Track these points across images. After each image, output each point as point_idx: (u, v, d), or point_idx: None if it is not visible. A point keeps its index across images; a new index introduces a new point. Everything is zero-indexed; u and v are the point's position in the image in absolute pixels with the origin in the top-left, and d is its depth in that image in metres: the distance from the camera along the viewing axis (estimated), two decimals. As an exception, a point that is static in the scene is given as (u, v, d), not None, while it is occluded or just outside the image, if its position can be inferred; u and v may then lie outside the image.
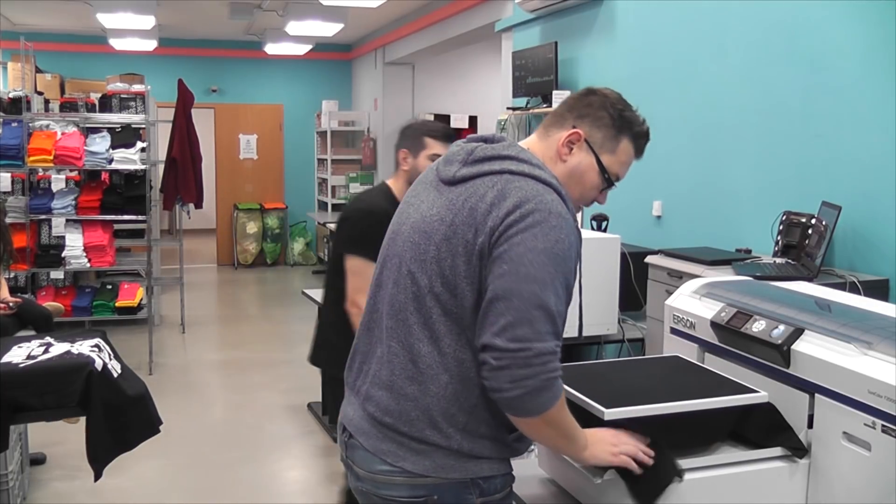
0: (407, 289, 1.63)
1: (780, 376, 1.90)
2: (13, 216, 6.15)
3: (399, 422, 1.60)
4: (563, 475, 1.92)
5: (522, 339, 1.47)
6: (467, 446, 1.59)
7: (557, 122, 1.69)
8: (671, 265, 3.43)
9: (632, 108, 1.70)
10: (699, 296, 2.26)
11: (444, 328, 1.58)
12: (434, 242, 1.60)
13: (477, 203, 1.56)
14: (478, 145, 1.67)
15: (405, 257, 1.65)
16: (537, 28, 5.93)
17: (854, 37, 3.28)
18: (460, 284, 1.56)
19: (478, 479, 1.61)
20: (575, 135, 1.66)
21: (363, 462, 1.67)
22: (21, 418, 3.22)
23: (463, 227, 1.56)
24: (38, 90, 8.41)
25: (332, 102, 11.20)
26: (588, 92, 1.71)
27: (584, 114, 1.67)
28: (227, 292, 10.07)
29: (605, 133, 1.67)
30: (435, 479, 1.60)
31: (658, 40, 4.56)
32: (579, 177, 1.68)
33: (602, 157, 1.67)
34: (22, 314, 4.33)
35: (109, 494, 3.96)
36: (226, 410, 5.51)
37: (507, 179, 1.57)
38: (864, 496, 1.68)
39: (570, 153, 1.67)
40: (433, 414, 1.58)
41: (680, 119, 4.35)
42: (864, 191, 3.19)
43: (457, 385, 1.58)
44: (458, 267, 1.56)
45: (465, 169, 1.63)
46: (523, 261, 1.49)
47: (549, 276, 1.50)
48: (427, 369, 1.59)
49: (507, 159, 1.61)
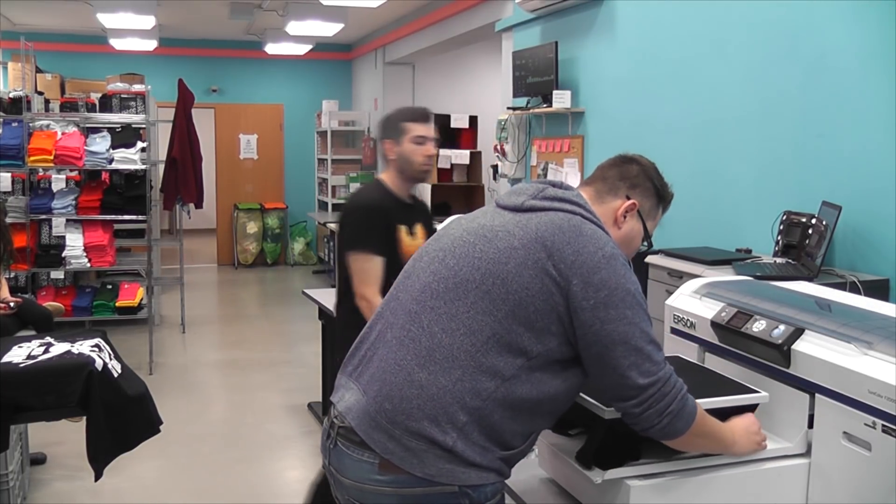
0: (447, 279, 1.66)
1: (780, 376, 1.90)
2: (13, 216, 6.15)
3: (398, 410, 1.59)
4: (564, 475, 1.92)
5: (651, 373, 1.59)
6: (460, 448, 1.58)
7: (611, 190, 1.81)
8: (671, 265, 3.43)
9: (663, 177, 1.87)
10: (699, 296, 2.26)
11: (478, 326, 1.59)
12: (495, 246, 1.64)
13: (553, 231, 1.62)
14: (547, 186, 1.75)
15: (455, 252, 1.69)
16: (537, 28, 5.93)
17: (854, 37, 3.28)
18: (517, 295, 1.59)
19: (466, 487, 1.59)
20: (633, 206, 1.79)
21: (351, 470, 1.64)
22: (21, 418, 3.22)
23: (535, 245, 1.62)
24: (39, 90, 8.41)
25: (332, 102, 11.20)
26: (628, 160, 1.85)
27: (636, 184, 1.82)
28: (227, 292, 10.07)
29: (652, 202, 1.84)
30: (424, 489, 1.58)
31: (658, 40, 4.56)
32: (629, 241, 1.82)
33: (647, 223, 1.84)
34: (22, 314, 4.33)
35: (109, 494, 3.96)
36: (226, 410, 5.51)
37: (581, 220, 1.66)
38: (865, 496, 1.68)
39: (624, 221, 1.80)
40: (435, 407, 1.57)
41: (680, 119, 4.35)
42: (864, 191, 3.19)
43: (467, 384, 1.58)
44: (522, 278, 1.59)
45: (534, 201, 1.70)
46: (626, 304, 1.59)
47: (644, 312, 1.63)
48: (443, 360, 1.59)
49: (576, 205, 1.69)
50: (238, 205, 11.63)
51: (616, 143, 4.94)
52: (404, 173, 2.90)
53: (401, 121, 2.89)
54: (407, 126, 2.88)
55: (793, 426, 1.85)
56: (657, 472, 1.73)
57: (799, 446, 1.84)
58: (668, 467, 1.74)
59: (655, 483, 1.71)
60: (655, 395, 1.59)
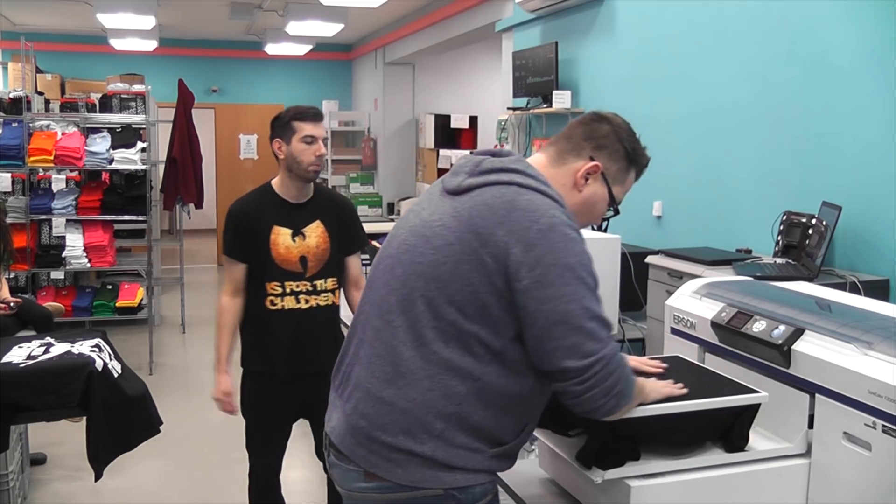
0: (397, 291, 1.61)
1: (780, 376, 1.90)
2: (13, 216, 6.15)
3: (373, 426, 1.58)
4: (563, 475, 1.92)
5: (592, 352, 1.50)
6: (441, 455, 1.56)
7: (573, 149, 1.68)
8: (671, 265, 3.43)
9: (639, 140, 1.73)
10: (699, 296, 2.26)
11: (433, 334, 1.55)
12: (433, 246, 1.58)
13: (485, 213, 1.55)
14: (485, 158, 1.66)
15: (400, 259, 1.63)
16: (538, 28, 5.93)
17: (854, 37, 3.28)
18: (462, 293, 1.54)
19: (452, 489, 1.57)
20: (595, 167, 1.67)
21: (341, 480, 1.66)
22: (21, 418, 3.22)
23: (468, 235, 1.55)
24: (39, 90, 8.41)
25: (332, 102, 11.20)
26: (598, 118, 1.71)
27: (603, 145, 1.68)
28: (227, 292, 10.06)
29: (620, 166, 1.69)
30: (408, 494, 1.57)
31: (658, 40, 4.56)
32: (591, 206, 1.70)
33: (613, 188, 1.70)
34: (22, 314, 4.33)
35: (110, 494, 3.96)
36: (226, 410, 5.51)
37: (515, 191, 1.56)
38: (865, 496, 1.68)
39: (585, 183, 1.68)
40: (409, 420, 1.56)
41: (680, 119, 4.35)
42: (864, 191, 3.19)
43: (437, 392, 1.55)
44: (461, 276, 1.54)
45: (470, 179, 1.62)
46: (563, 281, 1.50)
47: (587, 286, 1.52)
48: (408, 373, 1.56)
49: (514, 172, 1.60)
50: (238, 205, 11.62)
51: (616, 143, 4.94)
52: (293, 172, 2.91)
53: (291, 119, 2.89)
54: (296, 125, 2.87)
55: (793, 426, 1.85)
56: (657, 472, 1.73)
57: (799, 446, 1.84)
58: (668, 467, 1.74)
59: (655, 483, 1.71)
60: (600, 375, 1.50)
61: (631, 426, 1.70)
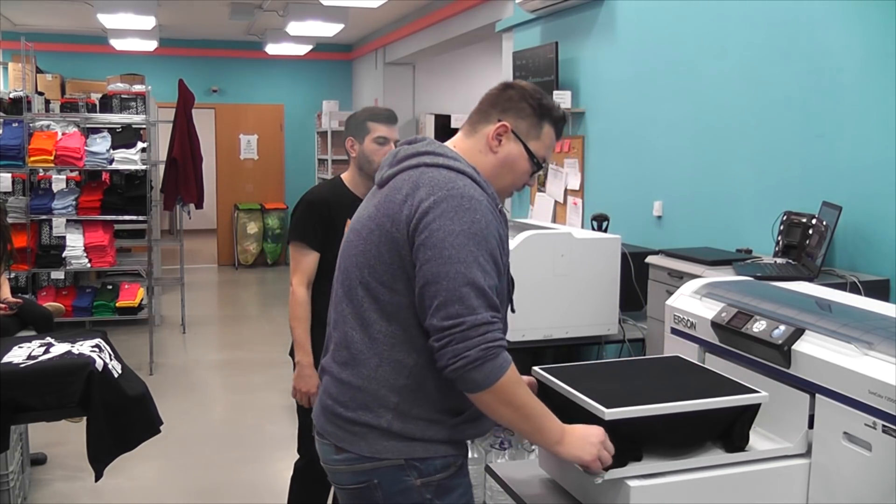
0: (344, 283, 1.77)
1: (780, 376, 1.90)
2: (14, 216, 6.15)
3: (337, 404, 1.73)
4: (563, 475, 1.92)
5: (455, 315, 1.57)
6: (398, 426, 1.68)
7: (483, 118, 1.81)
8: (672, 265, 3.43)
9: (548, 97, 1.82)
10: (700, 296, 2.27)
11: (375, 315, 1.69)
12: (362, 238, 1.73)
13: (394, 196, 1.69)
14: (401, 147, 1.80)
15: (344, 255, 1.80)
16: (538, 28, 5.93)
17: (854, 37, 3.28)
18: (386, 271, 1.67)
19: (412, 460, 1.69)
20: (502, 127, 1.77)
21: (321, 454, 1.81)
22: (21, 418, 3.22)
23: (384, 219, 1.68)
24: (39, 90, 8.41)
25: (332, 102, 11.20)
26: (506, 86, 1.83)
27: (508, 107, 1.79)
28: (227, 292, 10.08)
29: (529, 122, 1.79)
30: (373, 464, 1.69)
31: (658, 40, 4.56)
32: (511, 164, 1.79)
33: (529, 143, 1.79)
34: (23, 314, 4.34)
35: (110, 494, 3.97)
36: (226, 410, 5.52)
37: (420, 171, 1.70)
38: (865, 496, 1.68)
39: (499, 145, 1.78)
40: (365, 395, 1.69)
41: (680, 119, 4.35)
42: (865, 191, 3.19)
43: (386, 367, 1.68)
44: (382, 256, 1.67)
45: (389, 170, 1.76)
46: (444, 244, 1.59)
47: (471, 254, 1.59)
48: (359, 354, 1.71)
49: (423, 155, 1.73)
50: (238, 205, 11.63)
51: (616, 143, 4.94)
52: (363, 171, 2.96)
53: (366, 120, 2.96)
54: (370, 125, 2.94)
55: (793, 426, 1.85)
56: (657, 472, 1.73)
57: (799, 446, 1.84)
58: (668, 467, 1.74)
59: (655, 483, 1.71)
60: (456, 336, 1.56)
61: (631, 426, 1.70)
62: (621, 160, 4.88)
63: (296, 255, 2.93)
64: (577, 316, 3.42)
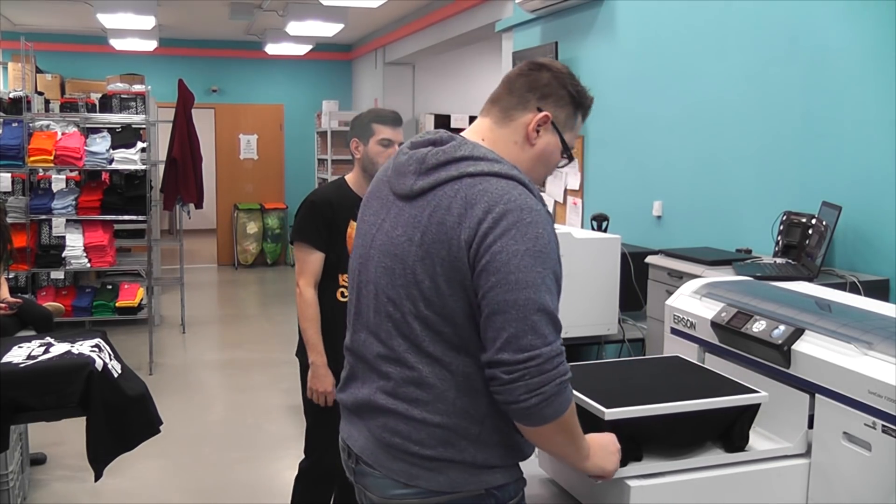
0: (391, 316, 1.57)
1: (780, 376, 1.90)
2: (13, 216, 6.14)
3: (409, 442, 1.56)
4: (564, 475, 1.93)
5: (529, 347, 1.43)
6: (481, 457, 1.55)
7: (519, 104, 1.62)
8: (671, 265, 3.43)
9: (579, 81, 1.67)
10: (699, 296, 2.27)
11: (441, 348, 1.53)
12: (408, 266, 1.54)
13: (444, 217, 1.50)
14: (428, 150, 1.59)
15: (381, 284, 1.59)
16: (537, 28, 5.93)
17: (854, 37, 3.28)
18: (447, 304, 1.51)
19: (492, 489, 1.57)
20: (545, 118, 1.61)
21: (376, 488, 1.62)
22: (21, 418, 3.22)
23: (435, 245, 1.51)
24: (39, 90, 8.41)
25: (332, 102, 11.20)
26: (537, 67, 1.66)
27: (547, 94, 1.62)
28: (227, 292, 10.07)
29: (567, 111, 1.64)
30: (450, 497, 1.55)
31: (658, 40, 4.56)
32: (547, 157, 1.65)
33: (565, 134, 1.65)
34: (22, 314, 4.34)
35: (110, 494, 3.96)
36: (226, 410, 5.51)
37: (468, 184, 1.51)
38: (865, 496, 1.68)
39: (538, 136, 1.62)
40: (446, 432, 1.54)
41: (680, 119, 4.35)
42: (864, 191, 3.19)
43: (465, 400, 1.54)
44: (440, 287, 1.51)
45: (420, 181, 1.56)
46: (510, 268, 1.44)
47: (539, 276, 1.45)
48: (432, 390, 1.54)
49: (462, 161, 1.54)
50: (238, 205, 11.63)
51: (616, 142, 4.94)
52: (367, 172, 2.96)
53: (371, 121, 2.96)
54: (375, 127, 2.94)
55: (793, 426, 1.85)
56: (657, 472, 1.73)
57: (799, 446, 1.84)
58: (668, 467, 1.74)
59: (655, 483, 1.71)
60: (531, 370, 1.43)
61: (631, 426, 1.70)
62: (621, 160, 4.88)
63: (301, 255, 2.92)
64: (577, 316, 3.41)
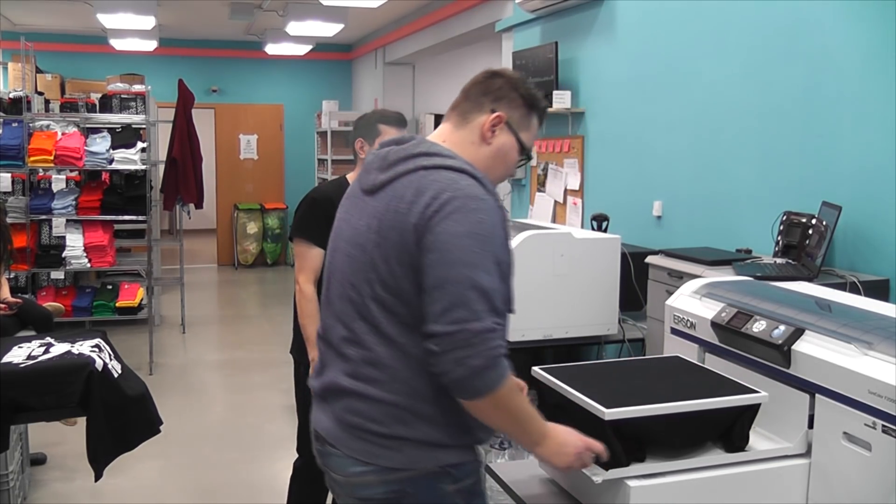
0: (352, 300, 1.68)
1: (780, 376, 1.90)
2: (13, 216, 6.14)
3: (367, 420, 1.65)
4: (563, 475, 1.92)
5: (459, 321, 1.52)
6: (435, 436, 1.63)
7: (474, 107, 1.76)
8: (671, 265, 3.43)
9: (532, 86, 1.81)
10: (699, 296, 2.27)
11: (396, 329, 1.62)
12: (367, 252, 1.65)
13: (398, 205, 1.62)
14: (390, 149, 1.73)
15: (345, 272, 1.71)
16: (537, 28, 5.93)
17: (854, 37, 3.28)
18: (401, 285, 1.61)
19: (448, 466, 1.65)
20: (498, 118, 1.74)
21: (338, 467, 1.71)
22: (21, 418, 3.22)
23: (389, 230, 1.62)
24: (39, 90, 8.41)
25: (332, 102, 11.20)
26: (492, 75, 1.79)
27: (500, 97, 1.75)
28: (227, 292, 10.08)
29: (521, 112, 1.77)
30: (408, 473, 1.64)
31: (658, 40, 4.56)
32: (504, 156, 1.77)
33: (520, 134, 1.78)
34: (22, 314, 4.34)
35: (110, 494, 3.96)
36: (226, 410, 5.51)
37: (421, 175, 1.63)
38: (865, 496, 1.68)
39: (493, 136, 1.75)
40: (399, 410, 1.63)
41: (680, 119, 4.35)
42: (864, 191, 3.19)
43: (419, 380, 1.62)
44: (393, 269, 1.61)
45: (381, 175, 1.69)
46: (448, 247, 1.54)
47: (477, 256, 1.55)
48: (388, 370, 1.64)
49: (418, 157, 1.67)
50: (238, 205, 11.63)
51: (616, 143, 4.94)
52: None
53: (376, 122, 2.98)
54: (381, 128, 2.96)
55: (793, 426, 1.85)
56: (657, 472, 1.73)
57: (799, 446, 1.84)
58: (668, 467, 1.74)
59: (655, 483, 1.71)
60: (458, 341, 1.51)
61: (631, 426, 1.70)
62: (621, 160, 4.88)
63: (301, 251, 2.92)
64: (577, 316, 3.42)
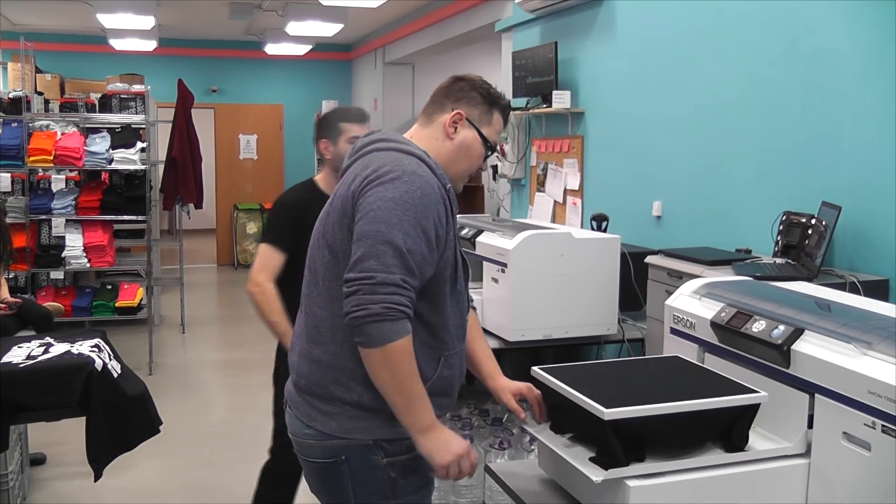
0: (310, 267, 1.88)
1: (780, 376, 1.90)
2: (13, 216, 6.15)
3: (310, 383, 1.81)
4: (563, 475, 1.92)
5: (368, 269, 1.66)
6: (367, 398, 1.74)
7: (437, 108, 1.94)
8: (671, 265, 3.43)
9: (492, 86, 1.98)
10: (699, 296, 2.26)
11: (336, 291, 1.74)
12: (323, 221, 1.87)
13: (347, 179, 1.84)
14: (360, 140, 1.93)
15: (314, 243, 1.91)
16: (537, 28, 5.93)
17: (854, 37, 3.28)
18: (342, 248, 1.77)
19: (381, 440, 1.76)
20: (457, 115, 1.91)
21: (291, 426, 1.88)
22: (21, 418, 3.22)
23: (338, 201, 1.82)
24: (38, 90, 8.41)
25: (332, 102, 11.17)
26: (456, 79, 1.98)
27: (460, 97, 1.93)
28: (227, 292, 10.08)
29: (481, 109, 1.94)
30: (342, 441, 1.77)
31: (658, 40, 4.56)
32: (467, 149, 1.93)
33: (482, 129, 1.94)
34: (22, 314, 4.34)
35: (109, 494, 3.96)
36: (226, 410, 5.51)
37: (372, 155, 1.83)
38: (864, 496, 1.68)
39: (455, 132, 1.92)
40: (335, 370, 1.77)
41: (680, 119, 4.35)
42: (864, 191, 3.19)
43: (352, 340, 1.71)
44: (337, 235, 1.79)
45: (347, 162, 1.92)
46: (373, 207, 1.71)
47: (397, 217, 1.69)
48: (326, 331, 1.80)
49: (377, 142, 1.87)
50: (238, 205, 11.63)
51: (616, 143, 4.94)
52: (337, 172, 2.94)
53: (338, 120, 2.96)
54: (344, 126, 2.93)
55: (793, 426, 1.85)
56: (657, 471, 1.73)
57: (799, 446, 1.84)
58: (667, 467, 1.74)
59: (655, 483, 1.71)
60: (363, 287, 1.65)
61: (631, 426, 1.70)
62: (621, 160, 4.88)
63: (266, 253, 2.89)
64: (577, 316, 3.42)
